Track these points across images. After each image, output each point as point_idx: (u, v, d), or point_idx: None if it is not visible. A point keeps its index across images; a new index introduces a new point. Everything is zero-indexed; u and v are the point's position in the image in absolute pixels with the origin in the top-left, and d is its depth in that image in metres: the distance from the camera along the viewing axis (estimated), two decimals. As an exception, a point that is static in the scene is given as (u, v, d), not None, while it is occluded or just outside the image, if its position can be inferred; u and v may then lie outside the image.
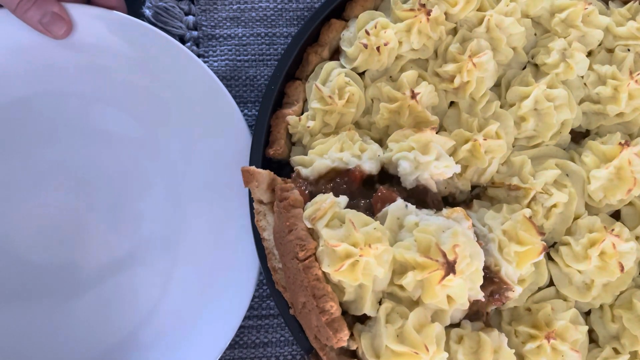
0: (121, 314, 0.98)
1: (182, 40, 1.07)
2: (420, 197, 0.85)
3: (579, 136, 0.95)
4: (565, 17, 0.93)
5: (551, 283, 0.89)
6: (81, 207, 1.00)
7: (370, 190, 0.87)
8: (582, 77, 0.93)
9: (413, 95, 0.87)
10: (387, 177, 0.88)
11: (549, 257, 0.89)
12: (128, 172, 1.00)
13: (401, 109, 0.88)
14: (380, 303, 0.77)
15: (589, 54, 0.94)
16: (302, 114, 0.92)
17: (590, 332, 0.89)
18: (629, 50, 0.93)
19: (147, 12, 1.06)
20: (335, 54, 0.95)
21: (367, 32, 0.89)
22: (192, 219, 0.99)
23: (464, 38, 0.92)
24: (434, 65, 0.92)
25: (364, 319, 0.78)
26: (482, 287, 0.87)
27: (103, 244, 1.00)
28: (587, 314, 0.90)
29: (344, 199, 0.80)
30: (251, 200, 0.85)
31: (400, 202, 0.80)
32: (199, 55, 1.07)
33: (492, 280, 0.85)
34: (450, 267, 0.72)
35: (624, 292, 0.89)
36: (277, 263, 0.82)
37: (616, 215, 0.92)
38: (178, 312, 0.97)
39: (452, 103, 0.93)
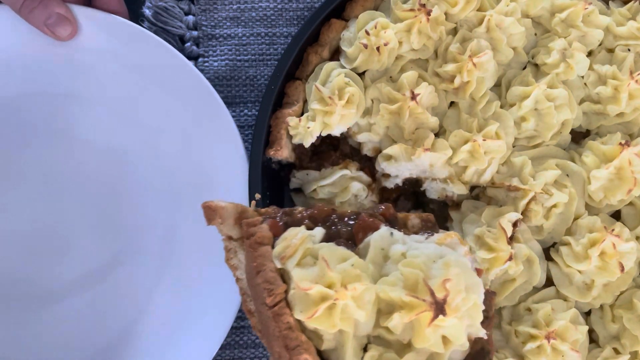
0: (102, 325, 0.97)
1: (182, 40, 1.07)
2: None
3: (579, 136, 0.95)
4: (566, 17, 0.93)
5: (551, 283, 0.89)
6: (66, 213, 0.98)
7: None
8: (583, 77, 0.93)
9: (413, 96, 0.87)
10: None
11: (548, 257, 0.89)
12: (117, 178, 0.99)
13: (401, 109, 0.88)
14: (366, 349, 0.67)
15: (589, 54, 0.94)
16: (302, 114, 0.92)
17: (591, 332, 0.89)
18: (629, 50, 0.93)
19: (147, 12, 1.06)
20: (336, 54, 0.95)
21: (367, 32, 0.88)
22: (183, 224, 0.98)
23: (464, 38, 0.92)
24: (434, 65, 0.92)
25: None
26: None
27: (87, 251, 0.98)
28: (587, 314, 0.90)
29: (319, 232, 0.70)
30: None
31: (384, 230, 0.70)
32: (199, 55, 1.07)
33: None
34: (439, 307, 0.63)
35: (624, 292, 0.89)
36: (252, 305, 0.74)
37: (616, 215, 0.92)
38: (164, 320, 0.96)
39: (452, 103, 0.93)
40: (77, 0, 0.95)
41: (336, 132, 0.91)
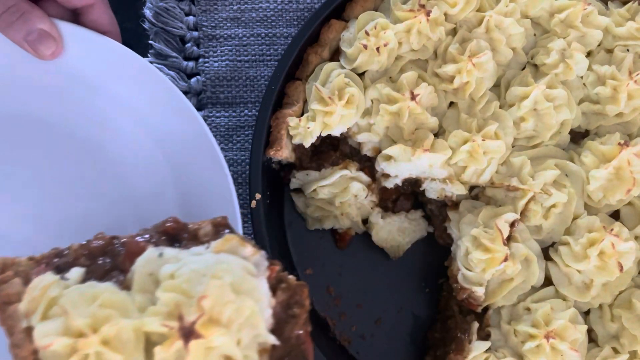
0: None
1: (183, 40, 1.07)
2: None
3: (578, 136, 0.95)
4: (565, 18, 0.93)
5: (550, 282, 0.89)
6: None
7: None
8: (582, 77, 0.93)
9: (413, 97, 0.87)
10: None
11: (548, 257, 0.90)
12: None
13: (401, 110, 0.88)
14: None
15: (589, 54, 0.94)
16: (302, 114, 0.92)
17: (590, 331, 0.89)
18: (628, 50, 0.93)
19: (148, 13, 1.06)
20: (336, 54, 0.95)
21: (366, 33, 0.89)
22: None
23: (463, 39, 0.92)
24: (434, 65, 0.92)
25: None
26: (458, 292, 0.89)
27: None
28: (586, 314, 0.90)
29: (75, 273, 0.61)
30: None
31: (150, 251, 0.62)
32: (199, 56, 1.07)
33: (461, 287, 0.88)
34: (186, 333, 0.55)
35: (623, 291, 0.89)
36: None
37: (615, 215, 0.92)
38: None
39: (451, 103, 0.93)
40: (61, 16, 0.85)
41: (336, 132, 0.91)
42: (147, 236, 0.65)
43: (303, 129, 0.89)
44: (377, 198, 0.98)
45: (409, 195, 1.00)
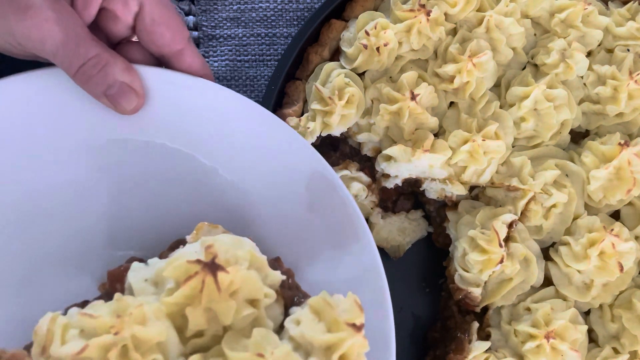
0: None
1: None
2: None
3: (578, 136, 0.95)
4: (565, 18, 0.93)
5: (550, 282, 0.89)
6: None
7: None
8: (582, 77, 0.93)
9: (413, 97, 0.87)
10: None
11: (548, 257, 0.90)
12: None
13: (401, 110, 0.88)
14: None
15: (589, 54, 0.94)
16: (302, 114, 0.92)
17: (590, 331, 0.89)
18: (628, 50, 0.93)
19: (148, 13, 1.06)
20: (336, 54, 0.95)
21: (367, 33, 0.89)
22: None
23: (463, 38, 0.92)
24: (434, 65, 0.92)
25: None
26: (455, 293, 0.90)
27: None
28: (586, 314, 0.90)
29: (73, 310, 0.62)
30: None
31: (135, 264, 0.64)
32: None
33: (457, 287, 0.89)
34: (212, 266, 0.58)
35: (623, 292, 0.89)
36: None
37: (616, 215, 0.92)
38: None
39: (451, 103, 0.93)
40: (146, 62, 0.77)
41: (336, 132, 0.91)
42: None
43: (303, 129, 0.89)
44: (377, 198, 0.98)
45: (409, 196, 1.00)
